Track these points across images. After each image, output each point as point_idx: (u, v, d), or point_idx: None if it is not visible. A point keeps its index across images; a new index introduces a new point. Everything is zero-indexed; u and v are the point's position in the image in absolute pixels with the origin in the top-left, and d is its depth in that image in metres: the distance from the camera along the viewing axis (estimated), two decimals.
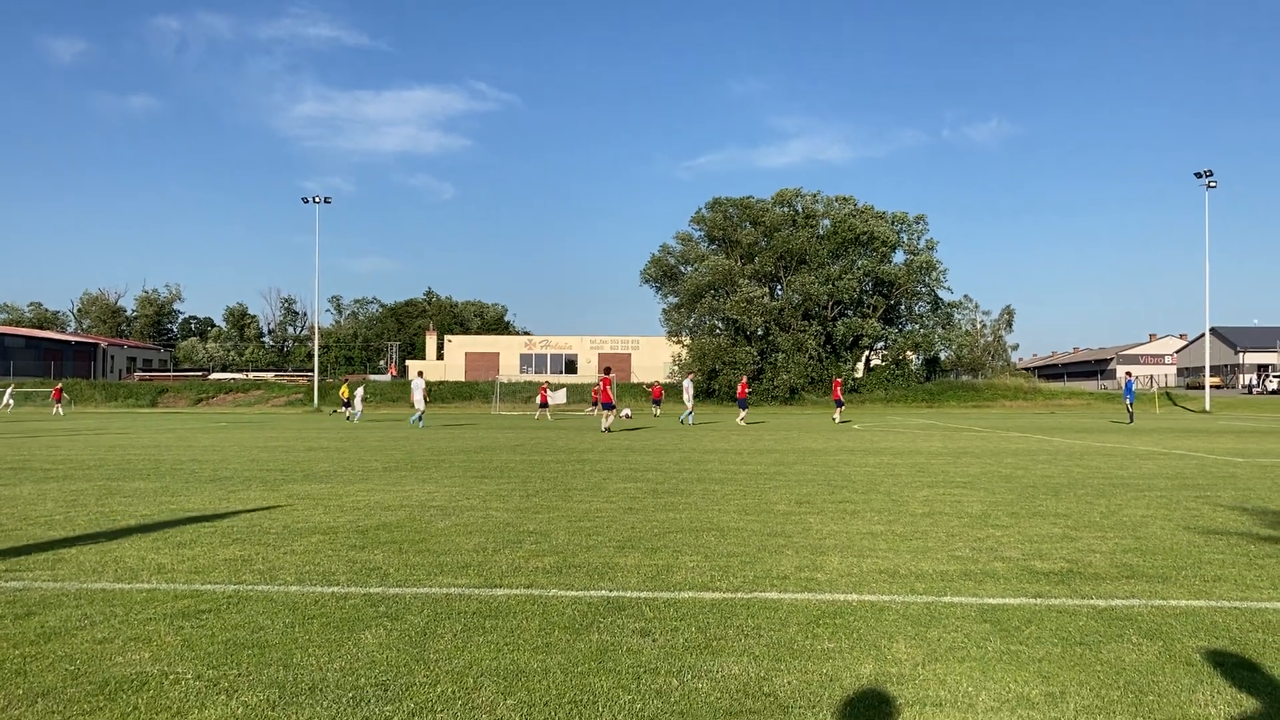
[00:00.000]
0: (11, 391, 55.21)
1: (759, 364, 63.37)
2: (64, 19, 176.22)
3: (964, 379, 77.64)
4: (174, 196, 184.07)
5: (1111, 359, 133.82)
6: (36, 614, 5.40)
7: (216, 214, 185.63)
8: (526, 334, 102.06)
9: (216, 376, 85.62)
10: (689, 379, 37.00)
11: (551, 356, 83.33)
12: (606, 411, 28.48)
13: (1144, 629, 5.13)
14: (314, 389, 64.85)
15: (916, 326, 69.33)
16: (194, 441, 23.27)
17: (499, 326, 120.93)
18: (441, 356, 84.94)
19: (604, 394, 28.68)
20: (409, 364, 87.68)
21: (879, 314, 67.39)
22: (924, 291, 68.65)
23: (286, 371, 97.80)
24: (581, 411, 52.02)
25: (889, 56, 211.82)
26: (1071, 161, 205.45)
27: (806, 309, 65.79)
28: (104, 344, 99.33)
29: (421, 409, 33.85)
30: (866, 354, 69.95)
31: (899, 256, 68.09)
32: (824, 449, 19.94)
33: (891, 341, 68.52)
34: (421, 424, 33.10)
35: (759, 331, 66.03)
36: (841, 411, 37.29)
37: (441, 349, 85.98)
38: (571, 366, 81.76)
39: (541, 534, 8.30)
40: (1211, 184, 55.29)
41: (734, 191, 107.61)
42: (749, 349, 64.19)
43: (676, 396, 58.19)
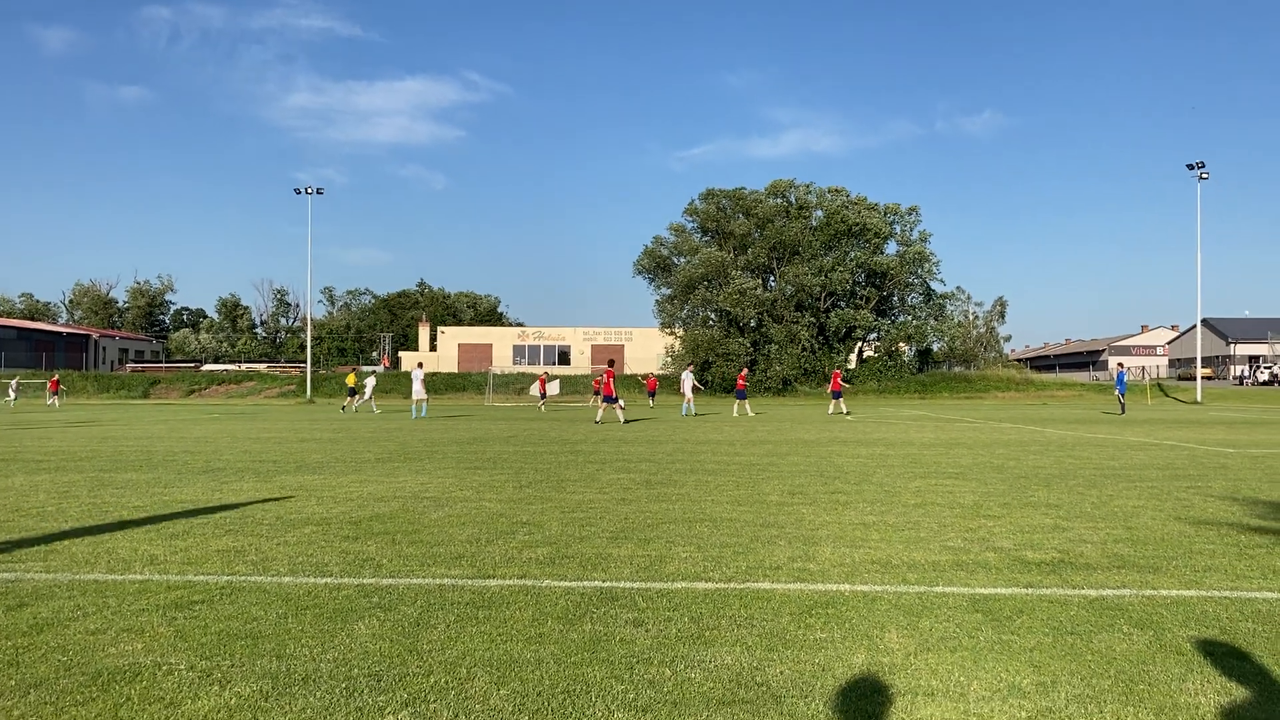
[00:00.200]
0: (17, 384, 54.92)
1: (752, 355, 63.41)
2: (54, 9, 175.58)
3: (956, 370, 77.83)
4: (166, 187, 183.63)
5: (1103, 350, 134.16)
6: (29, 605, 5.39)
7: (208, 205, 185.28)
8: (520, 325, 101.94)
9: (209, 368, 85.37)
10: (689, 371, 36.85)
11: (545, 348, 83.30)
12: (607, 404, 28.55)
13: (1135, 619, 5.15)
14: (306, 380, 64.73)
15: (909, 318, 69.39)
16: (186, 433, 23.22)
17: (492, 318, 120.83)
18: (435, 348, 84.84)
19: (606, 386, 28.77)
20: (402, 355, 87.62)
21: (871, 305, 67.41)
22: (916, 283, 68.69)
23: (279, 363, 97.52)
24: (574, 404, 51.98)
25: (882, 48, 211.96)
26: (1064, 153, 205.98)
27: (799, 300, 65.81)
28: (96, 335, 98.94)
29: (423, 398, 33.98)
30: (859, 345, 70.07)
31: (891, 248, 68.22)
32: (817, 440, 19.98)
33: (884, 333, 68.58)
34: (424, 414, 33.29)
35: (752, 323, 66.07)
36: (840, 403, 36.22)
37: (434, 340, 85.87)
38: (565, 358, 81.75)
39: (535, 525, 8.31)
40: (1203, 175, 55.37)
41: (727, 182, 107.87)
42: (742, 340, 64.24)
43: (669, 388, 58.38)
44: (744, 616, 5.18)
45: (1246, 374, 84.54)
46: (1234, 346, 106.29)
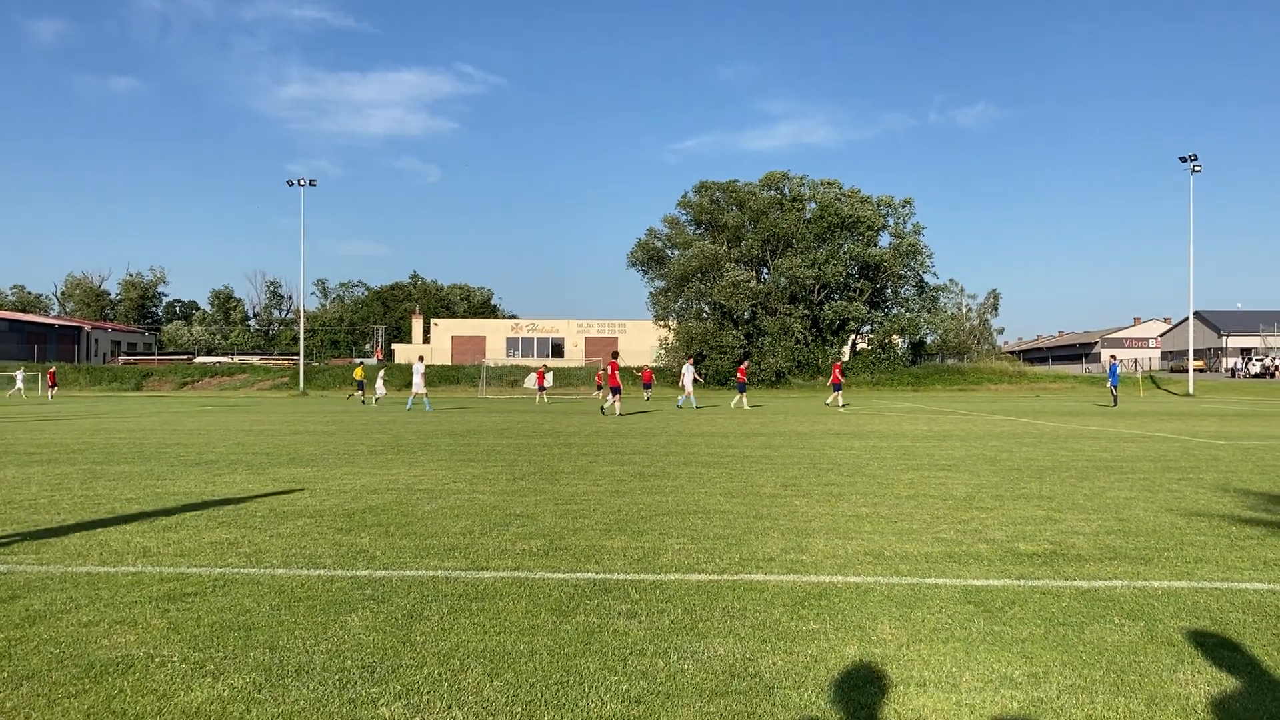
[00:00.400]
0: (23, 376, 54.68)
1: (745, 348, 63.44)
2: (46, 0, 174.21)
3: (949, 362, 77.93)
4: (158, 179, 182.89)
5: (1096, 342, 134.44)
6: (21, 597, 5.37)
7: (201, 197, 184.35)
8: (513, 317, 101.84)
9: (201, 360, 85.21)
10: (689, 363, 36.74)
11: (538, 340, 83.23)
12: (613, 395, 28.77)
13: (1126, 610, 5.17)
14: (300, 373, 64.62)
15: (902, 310, 69.45)
16: (179, 425, 23.17)
17: (485, 310, 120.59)
18: (428, 340, 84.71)
19: (611, 378, 28.99)
20: (395, 347, 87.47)
21: (865, 297, 67.47)
22: (910, 275, 68.80)
23: (272, 355, 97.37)
24: (569, 396, 51.98)
25: (876, 40, 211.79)
26: (1057, 145, 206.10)
27: (793, 292, 65.83)
28: (88, 327, 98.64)
29: (423, 392, 34.03)
30: (853, 338, 70.12)
31: (885, 240, 68.23)
32: (810, 432, 20.00)
33: (877, 325, 68.65)
34: (429, 407, 33.31)
35: (745, 315, 66.08)
36: (839, 396, 36.14)
37: (428, 332, 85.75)
38: (558, 350, 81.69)
39: (528, 517, 8.31)
40: (1196, 168, 55.47)
41: (721, 175, 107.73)
42: (735, 333, 64.26)
43: (665, 380, 58.42)
44: (737, 608, 5.19)
45: (1238, 366, 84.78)
46: (1226, 339, 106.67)
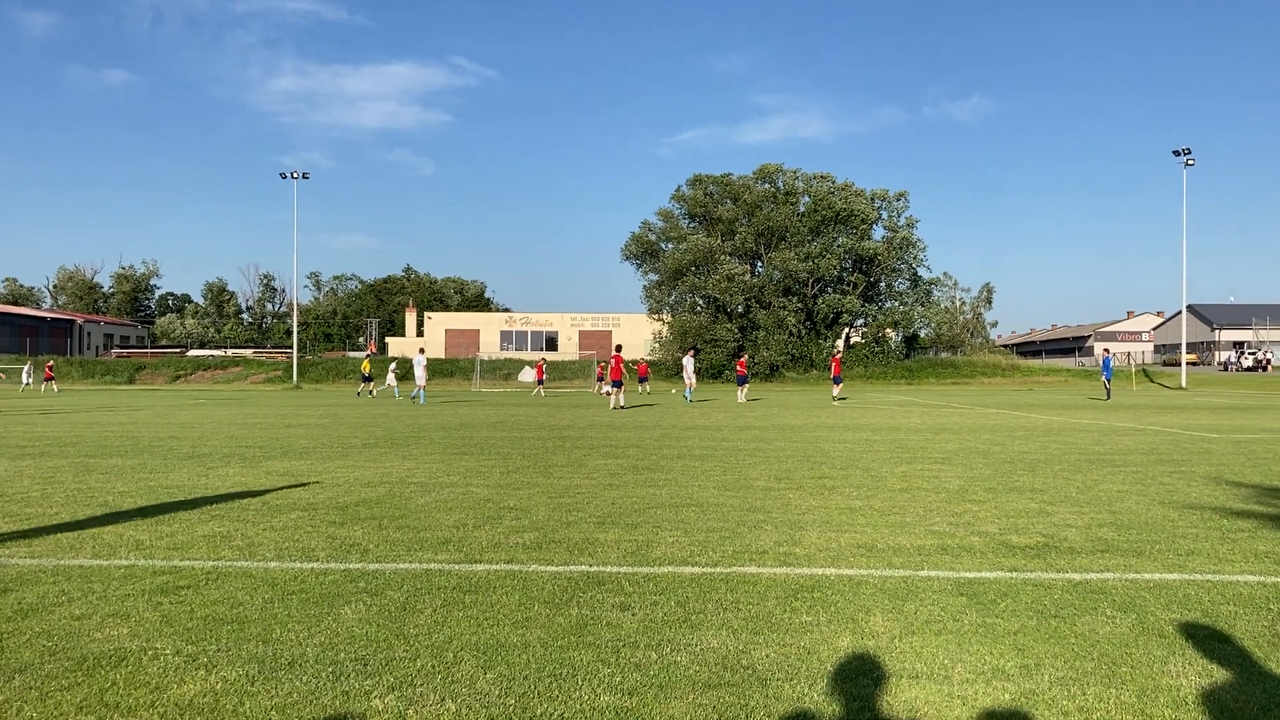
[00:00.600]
0: (30, 369, 54.51)
1: (739, 341, 63.47)
2: None
3: (943, 356, 78.01)
4: (151, 172, 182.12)
5: (1089, 336, 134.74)
6: (13, 591, 5.36)
7: (194, 190, 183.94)
8: (507, 311, 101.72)
9: (195, 353, 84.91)
10: (690, 356, 36.76)
11: (532, 334, 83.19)
12: (616, 389, 28.82)
13: (1118, 602, 5.19)
14: (293, 366, 64.50)
15: (896, 304, 69.57)
16: (172, 418, 23.12)
17: (479, 303, 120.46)
18: (421, 333, 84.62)
19: (615, 371, 29.09)
20: (389, 340, 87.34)
21: (859, 291, 67.52)
22: (903, 268, 68.88)
23: (265, 348, 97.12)
24: (561, 390, 51.96)
25: (871, 34, 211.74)
26: (1051, 139, 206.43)
27: (787, 286, 65.85)
28: (80, 320, 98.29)
29: (423, 385, 34.30)
30: (846, 331, 70.18)
31: (879, 233, 68.31)
32: (804, 425, 20.02)
33: (871, 319, 68.74)
34: (423, 401, 33.42)
35: (739, 309, 66.10)
36: (839, 388, 36.11)
37: (421, 326, 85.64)
38: (552, 344, 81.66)
39: (522, 510, 8.31)
40: (1189, 162, 55.53)
41: (715, 168, 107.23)
42: (729, 326, 64.28)
43: (660, 374, 58.43)
44: (730, 600, 5.20)
45: (1231, 360, 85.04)
46: (1219, 332, 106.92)
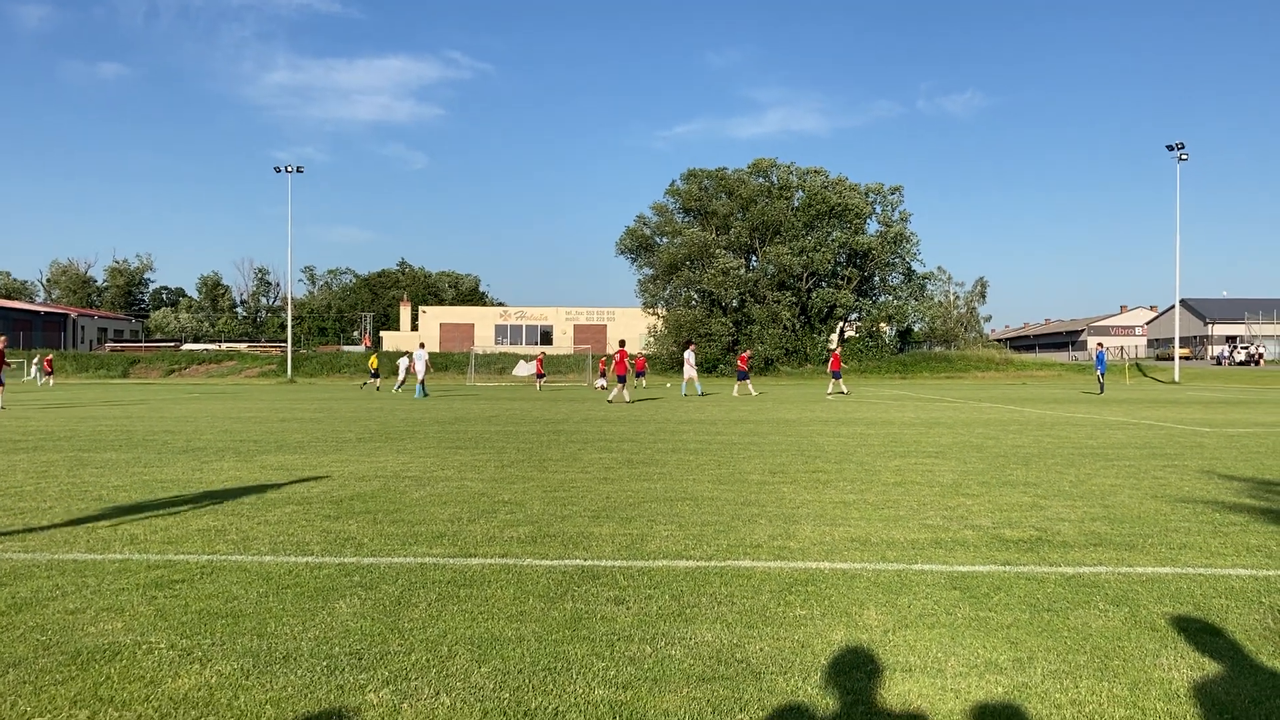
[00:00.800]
0: (38, 362, 54.35)
1: (734, 335, 63.47)
2: None
3: (937, 350, 78.19)
4: (145, 166, 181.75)
5: (1083, 330, 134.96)
6: (7, 585, 5.35)
7: (188, 183, 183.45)
8: (501, 305, 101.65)
9: (189, 347, 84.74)
10: (691, 350, 36.58)
11: (527, 327, 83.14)
12: (621, 385, 28.92)
13: (1111, 595, 5.20)
14: (287, 360, 64.41)
15: (890, 298, 69.55)
16: (166, 412, 23.07)
17: (473, 297, 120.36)
18: (416, 327, 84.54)
19: (619, 365, 29.21)
20: (383, 335, 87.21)
21: (853, 285, 67.52)
22: (897, 263, 68.88)
23: (259, 342, 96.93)
24: (558, 384, 51.96)
25: (865, 28, 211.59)
26: (1045, 133, 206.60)
27: (781, 280, 65.85)
28: (74, 314, 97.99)
29: (421, 379, 34.26)
30: (840, 325, 70.22)
31: (873, 228, 68.26)
32: (798, 419, 20.04)
33: (865, 313, 68.77)
34: (417, 395, 33.35)
35: (734, 303, 66.09)
36: (837, 383, 36.07)
37: (416, 320, 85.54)
38: (547, 337, 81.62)
39: (516, 504, 8.32)
40: (1183, 157, 55.55)
41: (710, 162, 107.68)
42: (724, 320, 64.27)
43: (656, 368, 58.40)
44: (724, 594, 5.21)
45: (1224, 354, 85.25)
46: (1212, 327, 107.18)
